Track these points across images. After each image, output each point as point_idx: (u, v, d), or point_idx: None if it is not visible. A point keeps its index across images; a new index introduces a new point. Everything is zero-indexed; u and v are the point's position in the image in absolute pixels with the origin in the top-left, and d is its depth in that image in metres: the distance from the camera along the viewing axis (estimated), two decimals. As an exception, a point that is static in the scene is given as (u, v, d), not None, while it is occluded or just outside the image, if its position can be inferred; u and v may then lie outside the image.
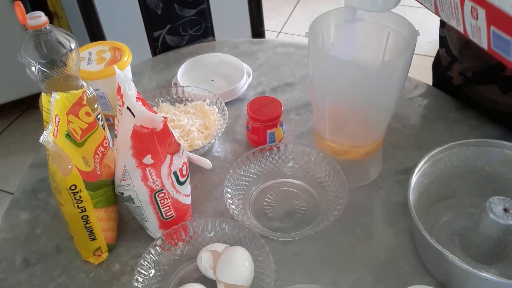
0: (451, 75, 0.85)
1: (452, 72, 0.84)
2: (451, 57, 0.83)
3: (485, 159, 0.67)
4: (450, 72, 0.85)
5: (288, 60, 1.02)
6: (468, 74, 0.80)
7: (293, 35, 2.50)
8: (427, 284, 0.56)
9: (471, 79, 0.80)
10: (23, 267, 0.67)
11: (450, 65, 0.84)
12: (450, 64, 0.84)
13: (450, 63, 0.84)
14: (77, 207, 0.59)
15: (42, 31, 0.62)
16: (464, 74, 0.81)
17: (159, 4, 1.06)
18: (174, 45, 1.11)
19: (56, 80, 0.65)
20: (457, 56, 0.81)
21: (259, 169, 0.74)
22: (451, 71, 0.84)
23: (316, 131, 0.76)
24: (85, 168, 0.59)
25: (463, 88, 0.84)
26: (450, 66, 0.84)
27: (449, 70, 0.84)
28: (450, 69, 0.84)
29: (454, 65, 0.82)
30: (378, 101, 0.66)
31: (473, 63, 0.78)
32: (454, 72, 0.83)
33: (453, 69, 0.83)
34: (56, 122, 0.56)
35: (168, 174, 0.61)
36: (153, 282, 0.60)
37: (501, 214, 0.58)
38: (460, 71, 0.81)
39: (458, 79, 0.83)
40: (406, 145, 0.80)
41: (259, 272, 0.61)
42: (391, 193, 0.73)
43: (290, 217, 0.70)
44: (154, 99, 0.86)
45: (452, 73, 0.84)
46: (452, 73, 0.84)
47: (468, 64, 0.79)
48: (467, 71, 0.80)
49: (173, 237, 0.63)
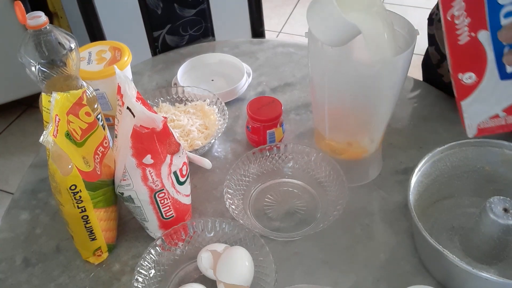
0: (441, 73, 0.85)
1: (442, 70, 0.84)
2: (440, 55, 0.83)
3: (485, 159, 0.67)
4: (440, 70, 0.85)
5: (288, 60, 1.02)
6: None
7: (293, 35, 2.50)
8: (427, 284, 0.56)
9: None
10: (23, 267, 0.67)
11: (440, 63, 0.84)
12: (439, 62, 0.84)
13: (439, 61, 0.84)
14: (77, 207, 0.59)
15: (42, 31, 0.62)
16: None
17: (159, 4, 1.06)
18: (174, 45, 1.11)
19: (56, 80, 0.65)
20: (446, 55, 0.82)
21: (259, 169, 0.74)
22: (441, 69, 0.84)
23: (316, 131, 0.76)
24: (85, 168, 0.59)
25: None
26: (440, 64, 0.84)
27: (439, 68, 0.85)
28: (440, 66, 0.84)
29: (444, 63, 0.83)
30: (378, 101, 0.67)
31: None
32: (444, 70, 0.83)
33: (442, 67, 0.84)
34: (56, 122, 0.56)
35: (168, 174, 0.61)
36: (153, 282, 0.60)
37: (501, 214, 0.58)
38: (449, 69, 0.82)
39: (448, 77, 0.83)
40: (406, 145, 0.80)
41: (259, 272, 0.61)
42: (391, 193, 0.73)
43: (290, 217, 0.70)
44: (154, 99, 0.86)
45: (442, 71, 0.84)
46: (442, 71, 0.84)
47: None
48: None
49: (173, 237, 0.63)
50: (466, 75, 0.44)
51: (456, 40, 0.41)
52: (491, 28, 0.40)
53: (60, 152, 0.55)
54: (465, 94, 0.45)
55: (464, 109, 0.48)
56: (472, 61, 0.43)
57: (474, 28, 0.40)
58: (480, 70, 0.43)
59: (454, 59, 0.43)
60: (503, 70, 0.44)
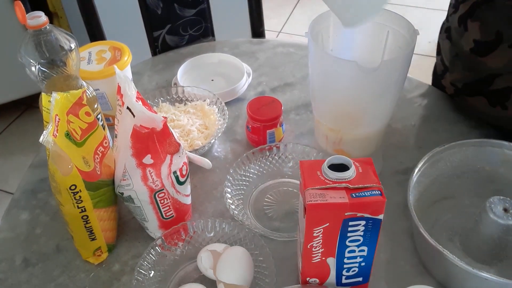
0: (444, 84, 0.85)
1: (445, 81, 0.84)
2: (444, 66, 0.83)
3: (485, 159, 0.67)
4: (443, 81, 0.84)
5: (288, 60, 1.02)
6: (459, 85, 0.79)
7: (293, 35, 2.50)
8: (427, 284, 0.56)
9: (461, 90, 0.80)
10: (23, 267, 0.67)
11: (443, 74, 0.84)
12: (443, 73, 0.84)
13: (443, 72, 0.84)
14: (77, 207, 0.59)
15: (42, 31, 0.62)
16: (455, 84, 0.80)
17: (159, 4, 1.06)
18: (174, 45, 1.11)
19: (56, 80, 0.65)
20: (449, 66, 0.81)
21: (259, 169, 0.75)
22: (444, 80, 0.84)
23: (316, 122, 0.76)
24: (85, 168, 0.59)
25: (454, 98, 0.84)
26: (443, 75, 0.84)
27: (443, 79, 0.84)
28: (443, 78, 0.84)
29: (446, 74, 0.82)
30: (378, 101, 0.67)
31: (463, 74, 0.78)
32: (446, 81, 0.83)
33: (445, 79, 0.83)
34: (56, 122, 0.56)
35: (168, 174, 0.61)
36: (153, 282, 0.60)
37: (501, 214, 0.58)
38: (451, 81, 0.81)
39: (450, 89, 0.83)
40: (406, 145, 0.80)
41: (259, 272, 0.61)
42: (391, 193, 0.72)
43: (290, 217, 0.70)
44: (154, 99, 0.86)
45: (445, 82, 0.84)
46: (445, 82, 0.84)
47: (458, 75, 0.79)
48: (457, 81, 0.80)
49: (173, 237, 0.63)
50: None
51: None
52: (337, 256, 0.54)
53: (60, 152, 0.55)
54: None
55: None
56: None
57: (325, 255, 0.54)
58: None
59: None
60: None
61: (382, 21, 0.66)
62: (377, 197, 0.49)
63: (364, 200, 0.49)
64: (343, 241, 0.52)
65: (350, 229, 0.51)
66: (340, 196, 0.49)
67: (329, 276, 0.56)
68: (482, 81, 0.74)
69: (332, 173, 0.50)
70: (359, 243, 0.53)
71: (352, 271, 0.56)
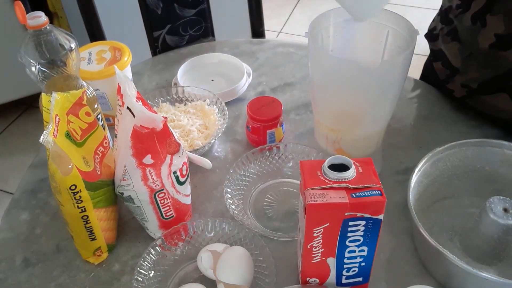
0: (452, 88, 0.82)
1: (453, 85, 0.81)
2: (450, 70, 0.81)
3: (485, 159, 0.67)
4: (450, 85, 0.82)
5: (288, 60, 1.02)
6: (473, 85, 0.77)
7: (293, 35, 2.50)
8: (427, 284, 0.56)
9: (476, 90, 0.78)
10: (23, 267, 0.67)
11: (450, 78, 0.82)
12: (449, 77, 0.82)
13: (449, 76, 0.82)
14: (77, 207, 0.59)
15: (42, 31, 0.62)
16: (467, 85, 0.78)
17: (159, 4, 1.06)
18: (174, 45, 1.11)
19: (56, 80, 0.65)
20: (459, 68, 0.79)
21: (259, 169, 0.75)
22: (452, 84, 0.82)
23: (316, 121, 0.76)
24: (85, 168, 0.59)
25: (466, 100, 0.82)
26: (448, 80, 0.82)
27: (448, 83, 0.82)
28: (449, 82, 0.82)
29: (456, 77, 0.80)
30: (378, 101, 0.67)
31: (479, 73, 0.76)
32: (455, 84, 0.81)
33: (454, 82, 0.81)
34: (56, 122, 0.56)
35: (168, 174, 0.61)
36: (153, 282, 0.60)
37: (501, 214, 0.58)
38: (462, 83, 0.79)
39: (461, 91, 0.80)
40: (406, 145, 0.80)
41: (259, 272, 0.61)
42: (391, 193, 0.73)
43: (290, 217, 0.70)
44: (154, 99, 0.86)
45: (453, 86, 0.82)
46: (453, 86, 0.82)
47: (473, 74, 0.77)
48: (471, 82, 0.78)
49: (173, 237, 0.63)
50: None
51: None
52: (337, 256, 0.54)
53: (60, 152, 0.55)
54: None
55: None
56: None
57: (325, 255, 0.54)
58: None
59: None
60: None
61: (382, 21, 0.66)
62: (377, 197, 0.49)
63: (364, 200, 0.49)
64: (343, 241, 0.52)
65: (350, 229, 0.51)
66: (340, 196, 0.49)
67: (329, 276, 0.56)
68: (501, 77, 0.73)
69: (332, 173, 0.50)
70: (359, 243, 0.53)
71: (352, 271, 0.56)
